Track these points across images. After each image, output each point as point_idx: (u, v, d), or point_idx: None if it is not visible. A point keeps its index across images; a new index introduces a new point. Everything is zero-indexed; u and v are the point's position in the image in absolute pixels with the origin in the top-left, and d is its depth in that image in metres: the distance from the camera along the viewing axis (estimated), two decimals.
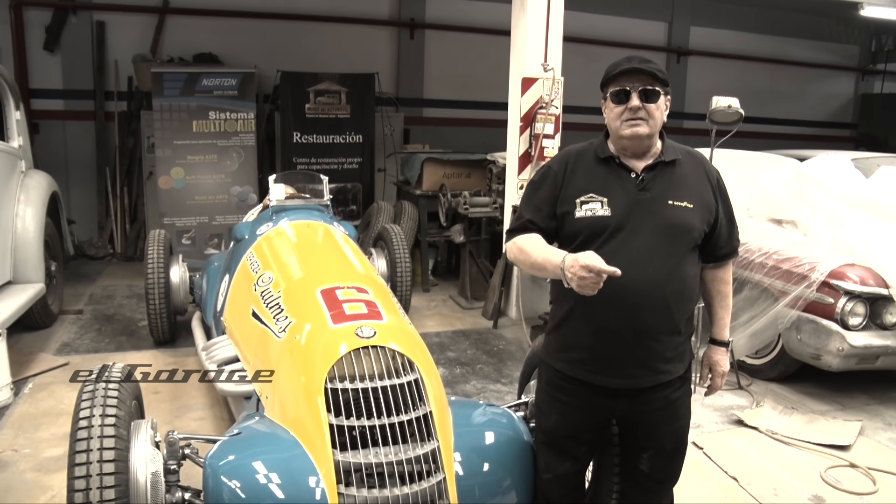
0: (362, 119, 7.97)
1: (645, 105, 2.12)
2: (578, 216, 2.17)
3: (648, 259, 2.11)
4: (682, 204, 2.16)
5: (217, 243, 7.32)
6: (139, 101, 7.90)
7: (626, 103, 2.13)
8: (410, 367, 2.37)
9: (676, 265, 2.15)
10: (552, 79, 5.53)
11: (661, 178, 2.19)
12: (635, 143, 2.17)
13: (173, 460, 2.21)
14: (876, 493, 3.46)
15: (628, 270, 2.05)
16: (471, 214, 6.37)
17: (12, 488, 3.18)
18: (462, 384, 4.63)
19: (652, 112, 2.13)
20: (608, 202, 2.15)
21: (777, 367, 4.79)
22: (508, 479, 2.42)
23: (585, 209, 2.17)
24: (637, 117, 2.13)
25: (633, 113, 2.12)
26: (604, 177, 2.20)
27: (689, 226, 2.16)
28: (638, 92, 2.12)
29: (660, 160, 2.20)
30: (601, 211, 2.15)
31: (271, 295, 3.11)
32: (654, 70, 2.12)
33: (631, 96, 2.12)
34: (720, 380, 2.48)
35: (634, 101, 2.12)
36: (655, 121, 2.15)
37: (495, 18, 8.56)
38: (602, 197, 2.16)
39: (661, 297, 2.11)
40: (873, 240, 4.51)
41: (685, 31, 11.08)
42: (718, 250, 2.31)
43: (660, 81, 2.13)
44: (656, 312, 2.13)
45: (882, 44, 12.76)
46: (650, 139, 2.18)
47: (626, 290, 2.08)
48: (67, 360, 4.73)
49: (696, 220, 2.17)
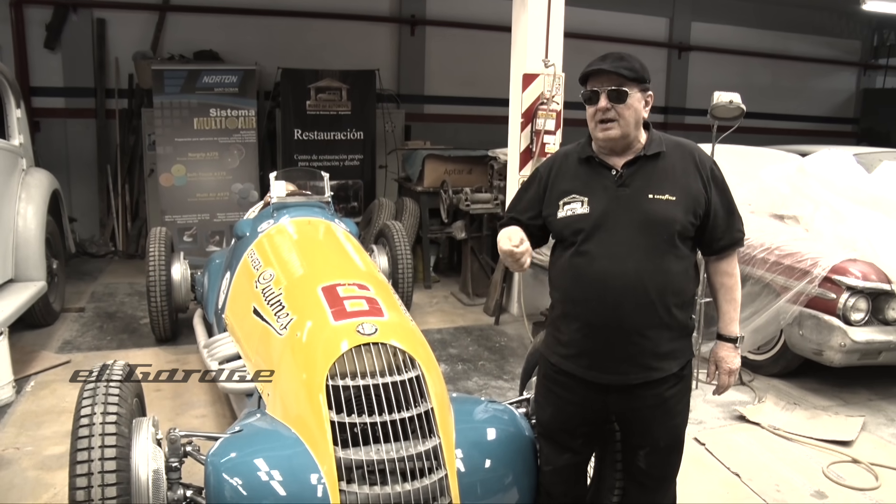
0: (363, 116, 7.97)
1: (614, 106, 2.13)
2: (560, 216, 2.22)
3: (628, 254, 2.12)
4: (664, 197, 2.15)
5: (218, 240, 7.32)
6: (140, 99, 7.90)
7: (596, 104, 2.16)
8: (412, 364, 2.36)
9: (659, 259, 2.13)
10: (553, 75, 5.52)
11: (642, 172, 2.19)
12: (609, 143, 2.20)
13: (175, 458, 2.21)
14: (878, 489, 3.46)
15: (608, 267, 2.10)
16: (472, 211, 6.37)
17: (14, 486, 3.19)
18: (464, 381, 4.64)
19: (622, 112, 2.14)
20: (588, 201, 2.19)
21: (779, 362, 4.79)
22: (510, 475, 2.42)
23: (567, 209, 2.21)
24: (607, 118, 2.15)
25: (603, 113, 2.15)
26: (585, 177, 2.24)
27: (669, 218, 2.14)
28: (606, 93, 2.13)
29: (641, 154, 2.20)
30: (581, 210, 2.19)
31: (272, 292, 3.11)
32: (619, 70, 2.11)
33: (600, 97, 2.14)
34: (727, 377, 2.41)
35: (602, 102, 2.14)
36: (626, 120, 2.15)
37: (496, 14, 8.54)
38: (583, 196, 2.20)
39: (643, 291, 2.10)
40: (875, 235, 4.50)
41: (686, 27, 11.06)
42: (716, 242, 2.28)
43: (630, 80, 2.13)
44: (639, 308, 2.12)
45: (884, 38, 12.73)
46: (625, 139, 2.19)
47: (607, 287, 2.11)
48: (69, 358, 4.74)
49: (678, 212, 2.15)
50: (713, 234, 2.26)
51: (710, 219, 2.23)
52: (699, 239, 2.25)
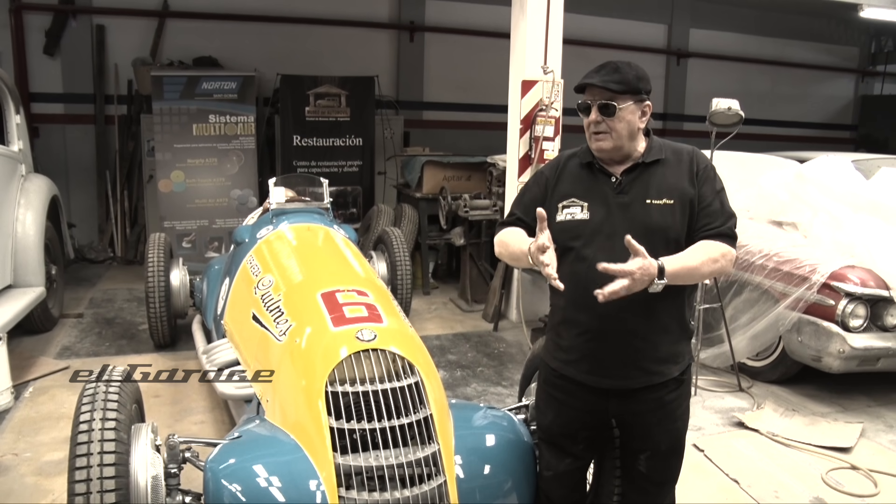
0: (362, 122, 7.97)
1: (605, 119, 2.15)
2: (559, 220, 2.22)
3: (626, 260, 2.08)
4: (661, 201, 2.16)
5: (217, 247, 7.32)
6: (139, 105, 7.90)
7: (588, 116, 2.19)
8: (411, 370, 2.36)
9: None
10: (552, 81, 5.53)
11: (641, 179, 2.20)
12: (603, 154, 2.22)
13: (174, 464, 2.21)
14: (877, 496, 3.46)
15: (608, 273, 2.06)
16: (471, 217, 6.37)
17: (13, 492, 3.18)
18: (463, 387, 4.63)
19: (612, 125, 2.15)
20: (588, 206, 2.20)
21: (778, 369, 4.79)
22: (509, 481, 2.41)
23: (566, 213, 2.22)
24: (599, 131, 2.17)
25: (595, 126, 2.17)
26: (586, 182, 2.25)
27: (666, 224, 2.15)
28: (597, 106, 2.15)
29: (639, 162, 2.21)
30: (580, 215, 2.20)
31: (272, 298, 3.11)
32: (607, 84, 2.11)
33: (591, 110, 2.16)
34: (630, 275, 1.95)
35: (593, 115, 2.16)
36: (618, 132, 2.16)
37: (495, 21, 8.58)
38: (583, 201, 2.21)
39: (644, 297, 2.08)
40: (874, 241, 4.51)
41: (685, 34, 11.10)
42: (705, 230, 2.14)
43: (620, 94, 2.13)
44: (641, 313, 2.14)
45: (882, 45, 12.78)
46: (618, 151, 2.20)
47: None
48: (68, 364, 4.73)
49: (676, 216, 2.16)
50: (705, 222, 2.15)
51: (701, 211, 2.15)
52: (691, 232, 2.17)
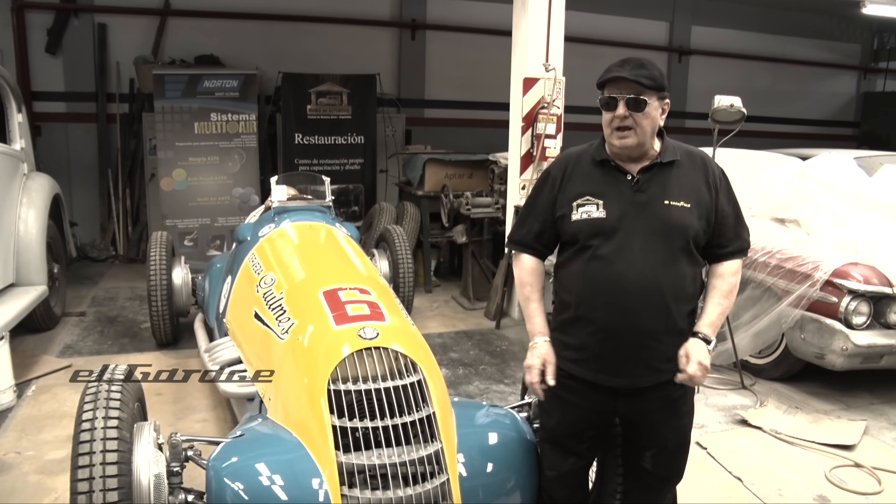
0: (364, 120, 7.97)
1: (632, 114, 2.12)
2: (574, 219, 2.20)
3: (645, 260, 2.12)
4: (679, 204, 2.16)
5: (219, 245, 7.32)
6: (141, 103, 7.90)
7: (614, 111, 2.14)
8: (413, 369, 2.36)
9: (674, 265, 2.15)
10: (554, 79, 5.52)
11: (658, 179, 2.20)
12: (625, 151, 2.19)
13: (176, 462, 2.21)
14: (881, 493, 3.45)
15: (626, 271, 2.11)
16: (473, 215, 6.37)
17: (16, 490, 3.18)
18: (465, 385, 4.63)
19: (639, 120, 2.13)
20: (604, 205, 2.18)
21: (781, 366, 4.78)
22: (512, 479, 2.41)
23: (581, 212, 2.19)
24: (624, 126, 2.14)
25: (620, 121, 2.14)
26: (600, 179, 2.23)
27: (685, 225, 2.16)
28: (625, 101, 2.12)
29: (656, 162, 2.20)
30: (597, 213, 2.18)
31: (274, 296, 3.11)
32: (639, 78, 2.10)
33: (618, 105, 2.13)
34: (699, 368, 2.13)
35: (620, 109, 2.13)
36: (643, 128, 2.14)
37: (496, 19, 8.56)
38: (598, 200, 2.19)
39: (660, 297, 2.11)
40: (877, 238, 4.50)
41: (686, 31, 11.07)
42: (723, 248, 2.27)
43: (649, 89, 2.12)
44: (655, 313, 2.14)
45: (884, 42, 12.74)
46: (641, 147, 2.18)
47: (625, 292, 2.12)
48: (70, 363, 4.73)
49: (693, 219, 2.17)
50: (721, 241, 2.27)
51: (719, 225, 2.24)
52: (706, 245, 2.25)
